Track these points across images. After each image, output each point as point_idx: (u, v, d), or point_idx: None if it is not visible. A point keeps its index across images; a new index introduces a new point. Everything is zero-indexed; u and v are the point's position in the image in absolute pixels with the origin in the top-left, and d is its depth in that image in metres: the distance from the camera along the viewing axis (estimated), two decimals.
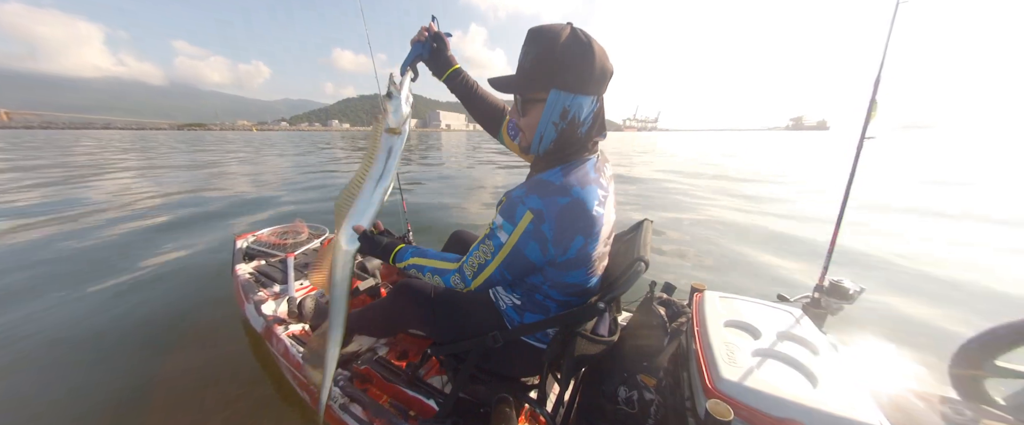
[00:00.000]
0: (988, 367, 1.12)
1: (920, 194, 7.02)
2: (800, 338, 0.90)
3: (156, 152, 19.00)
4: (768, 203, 6.29)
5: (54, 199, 6.42)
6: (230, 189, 7.63)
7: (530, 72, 0.80)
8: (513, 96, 0.88)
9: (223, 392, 1.78)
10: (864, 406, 0.69)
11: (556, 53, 0.76)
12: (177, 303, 2.66)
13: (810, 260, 3.56)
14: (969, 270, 3.34)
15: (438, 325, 1.09)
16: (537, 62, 0.78)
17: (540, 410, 0.96)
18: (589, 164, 0.85)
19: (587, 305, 0.83)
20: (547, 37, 0.77)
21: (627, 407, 0.89)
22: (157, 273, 3.22)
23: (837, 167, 12.17)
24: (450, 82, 1.15)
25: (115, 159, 14.24)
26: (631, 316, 1.26)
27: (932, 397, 0.92)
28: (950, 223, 5.01)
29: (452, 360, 1.08)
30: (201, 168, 11.39)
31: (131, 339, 2.22)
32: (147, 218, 5.19)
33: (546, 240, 0.78)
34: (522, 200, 0.79)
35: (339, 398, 1.22)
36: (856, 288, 1.20)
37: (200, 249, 3.87)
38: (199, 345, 2.15)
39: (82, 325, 2.37)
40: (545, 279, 0.88)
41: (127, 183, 8.25)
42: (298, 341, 1.50)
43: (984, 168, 11.59)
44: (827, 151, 21.94)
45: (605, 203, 0.85)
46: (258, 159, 14.96)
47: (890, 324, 2.45)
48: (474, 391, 1.08)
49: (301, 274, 2.01)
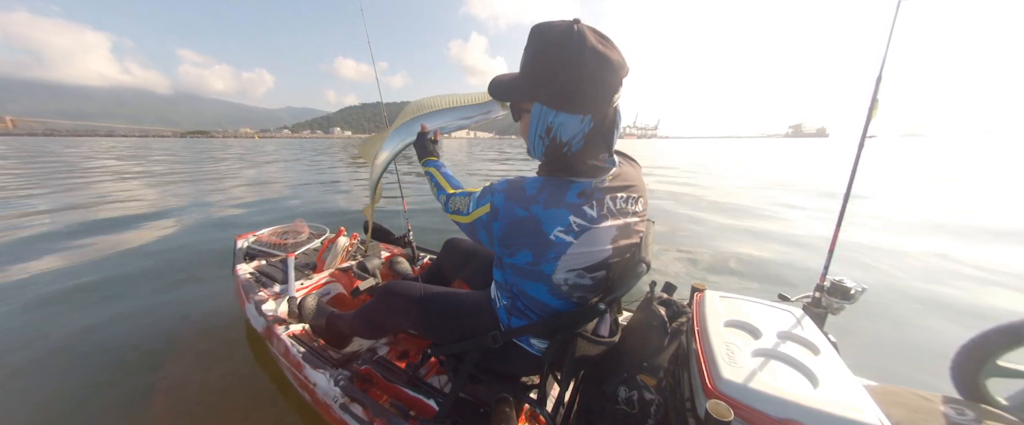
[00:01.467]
0: (990, 367, 1.11)
1: (920, 195, 7.00)
2: (801, 338, 0.90)
3: (150, 160, 18.99)
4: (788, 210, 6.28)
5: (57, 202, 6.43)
6: (230, 191, 7.64)
7: (514, 80, 0.79)
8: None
9: (223, 391, 1.78)
10: (864, 406, 0.68)
11: (540, 62, 0.69)
12: (177, 303, 2.67)
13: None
14: (969, 270, 3.34)
15: (430, 325, 1.09)
16: (522, 68, 0.74)
17: (540, 410, 0.96)
18: (573, 188, 0.77)
19: (588, 306, 0.83)
20: (539, 40, 0.69)
21: (627, 407, 0.89)
22: (157, 273, 3.22)
23: (839, 172, 12.19)
24: None
25: (118, 164, 14.28)
26: (631, 316, 1.26)
27: (933, 397, 0.91)
28: (952, 224, 5.00)
29: (452, 360, 1.08)
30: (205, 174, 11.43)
31: (130, 339, 2.23)
32: (146, 218, 5.20)
33: (493, 236, 0.83)
34: (493, 192, 0.82)
35: (339, 398, 1.21)
36: (858, 288, 1.19)
37: (200, 249, 3.88)
38: (199, 345, 2.15)
39: (81, 326, 2.38)
40: (506, 281, 0.92)
41: (124, 184, 8.27)
42: (298, 341, 1.50)
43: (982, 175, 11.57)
44: (828, 158, 21.72)
45: (583, 233, 0.77)
46: (257, 164, 14.98)
47: (890, 324, 2.45)
48: (474, 391, 1.08)
49: (301, 274, 2.01)
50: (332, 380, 1.27)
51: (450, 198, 0.99)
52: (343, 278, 2.01)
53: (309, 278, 1.96)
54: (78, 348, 2.15)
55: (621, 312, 1.43)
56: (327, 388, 1.26)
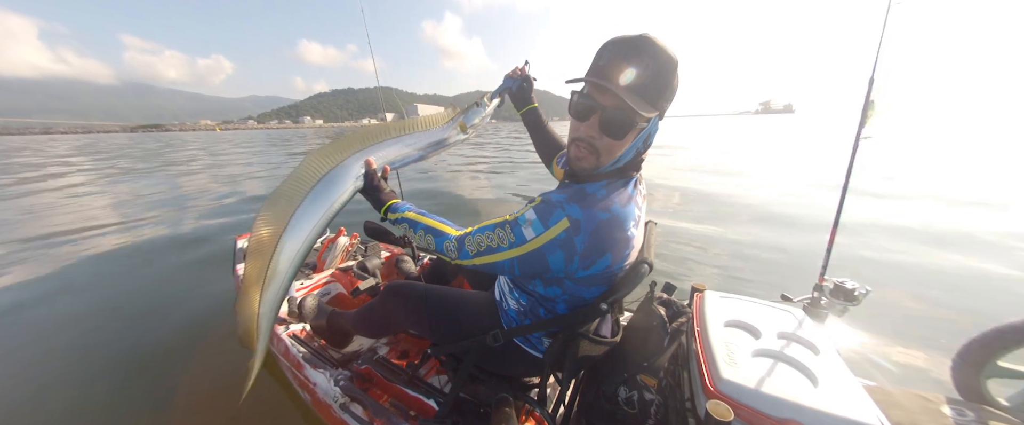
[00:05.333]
0: (990, 367, 1.11)
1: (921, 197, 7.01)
2: (801, 338, 0.90)
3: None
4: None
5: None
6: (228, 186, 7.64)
7: (656, 98, 0.71)
8: (598, 115, 0.74)
9: (222, 392, 1.78)
10: (864, 406, 0.68)
11: (671, 77, 0.70)
12: (177, 303, 2.67)
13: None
14: (971, 270, 3.33)
15: (432, 326, 1.08)
16: (651, 85, 0.70)
17: (540, 410, 0.96)
18: (631, 184, 0.83)
19: (590, 307, 0.83)
20: (664, 57, 0.69)
21: (627, 407, 0.89)
22: (157, 273, 3.22)
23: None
24: (526, 116, 1.31)
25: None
26: (631, 316, 1.26)
27: (933, 397, 0.91)
28: (953, 223, 5.00)
29: (452, 360, 1.08)
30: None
31: (129, 339, 2.23)
32: (143, 219, 5.20)
33: (574, 253, 0.74)
34: (562, 205, 0.74)
35: (339, 398, 1.22)
36: (862, 289, 1.18)
37: (199, 248, 3.87)
38: (198, 345, 2.15)
39: (80, 325, 2.38)
40: (563, 292, 0.85)
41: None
42: (298, 341, 1.50)
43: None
44: (796, 133, 24.02)
45: (639, 224, 0.84)
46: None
47: (891, 324, 2.44)
48: (474, 391, 1.08)
49: (301, 274, 2.01)
50: (332, 380, 1.27)
51: (465, 239, 0.83)
52: (343, 278, 2.01)
53: (309, 278, 1.96)
54: (65, 353, 2.14)
55: (622, 312, 1.44)
56: (327, 388, 1.26)
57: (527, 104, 1.31)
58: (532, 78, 1.28)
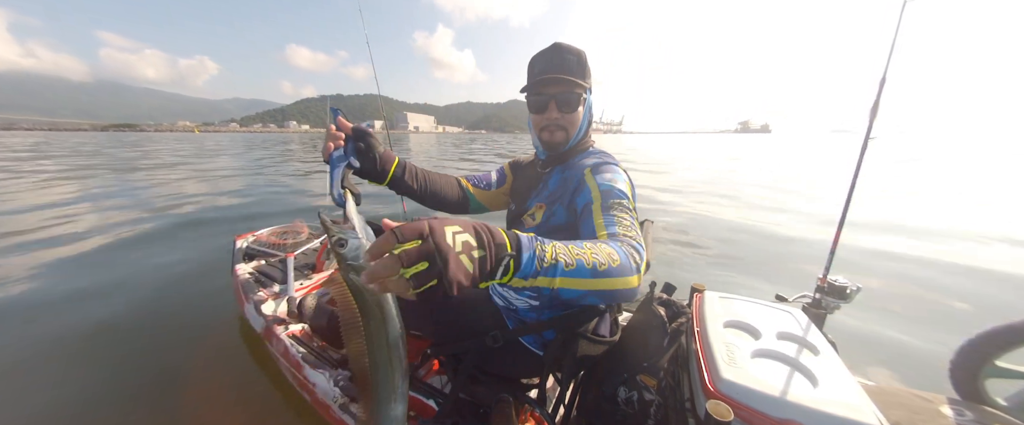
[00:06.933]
0: (988, 368, 1.11)
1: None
2: (800, 338, 0.90)
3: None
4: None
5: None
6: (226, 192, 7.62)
7: (579, 76, 0.90)
8: (553, 102, 0.93)
9: (222, 392, 1.78)
10: (863, 406, 0.68)
11: (588, 64, 0.93)
12: (176, 303, 2.66)
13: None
14: (971, 271, 3.34)
15: (434, 324, 1.08)
16: (583, 70, 0.91)
17: (540, 410, 0.96)
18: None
19: (588, 305, 0.83)
20: (578, 50, 0.92)
21: (627, 407, 0.89)
22: (156, 273, 3.22)
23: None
24: (397, 185, 0.95)
25: None
26: (631, 316, 1.26)
27: (932, 397, 0.91)
28: (953, 224, 5.01)
29: (452, 360, 1.08)
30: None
31: (128, 339, 2.22)
32: (142, 220, 5.19)
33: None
34: (606, 161, 0.91)
35: (339, 398, 1.21)
36: (854, 287, 1.19)
37: (199, 248, 3.87)
38: (198, 345, 2.15)
39: (79, 327, 2.37)
40: None
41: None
42: (298, 341, 1.50)
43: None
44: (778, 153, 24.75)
45: None
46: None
47: (891, 324, 2.45)
48: (474, 391, 1.08)
49: (301, 274, 2.01)
50: (332, 380, 1.27)
51: (630, 243, 0.66)
52: None
53: (309, 278, 1.96)
54: (66, 351, 2.14)
55: (621, 312, 1.44)
56: (327, 388, 1.26)
57: (387, 165, 0.90)
58: (365, 127, 0.83)
